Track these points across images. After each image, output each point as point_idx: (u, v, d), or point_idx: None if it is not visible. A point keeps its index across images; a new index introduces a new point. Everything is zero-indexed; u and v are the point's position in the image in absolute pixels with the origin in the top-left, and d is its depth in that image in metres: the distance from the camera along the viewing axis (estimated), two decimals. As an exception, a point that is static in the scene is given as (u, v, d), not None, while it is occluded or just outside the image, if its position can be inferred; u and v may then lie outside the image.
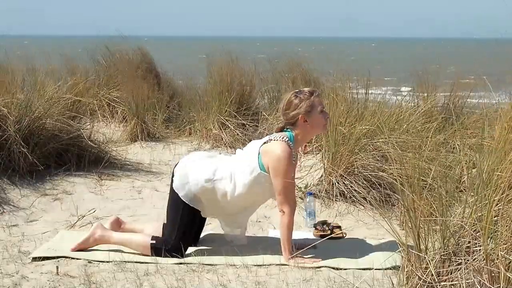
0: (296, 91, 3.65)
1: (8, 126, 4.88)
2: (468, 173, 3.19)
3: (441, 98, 6.64)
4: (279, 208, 3.56)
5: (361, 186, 4.57)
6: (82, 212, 4.52)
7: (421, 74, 6.90)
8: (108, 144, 5.90)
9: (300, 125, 3.58)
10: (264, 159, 3.53)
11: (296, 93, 3.62)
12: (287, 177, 3.49)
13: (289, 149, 3.52)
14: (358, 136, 4.69)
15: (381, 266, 3.23)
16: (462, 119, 5.82)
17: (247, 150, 3.69)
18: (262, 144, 3.59)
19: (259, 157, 3.55)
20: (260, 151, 3.56)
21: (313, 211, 4.28)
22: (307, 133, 3.65)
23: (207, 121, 6.72)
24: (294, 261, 3.48)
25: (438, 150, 4.55)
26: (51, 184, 4.97)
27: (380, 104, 5.76)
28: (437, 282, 2.73)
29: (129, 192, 5.02)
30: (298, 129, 3.59)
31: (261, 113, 6.86)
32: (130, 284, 3.19)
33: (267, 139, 3.60)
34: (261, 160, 3.53)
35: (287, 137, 3.57)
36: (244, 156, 3.65)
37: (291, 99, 3.60)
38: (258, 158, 3.55)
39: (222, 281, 3.23)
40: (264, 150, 3.55)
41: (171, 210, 3.69)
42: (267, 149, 3.54)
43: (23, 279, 3.26)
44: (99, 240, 3.71)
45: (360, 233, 4.20)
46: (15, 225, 4.26)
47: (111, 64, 8.20)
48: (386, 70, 17.90)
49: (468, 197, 2.95)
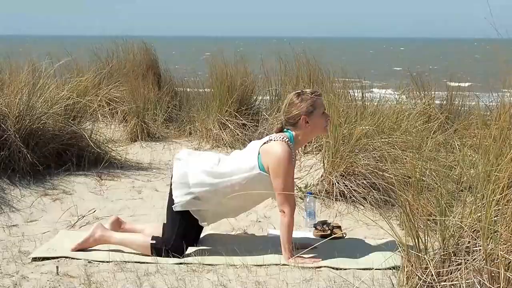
0: (298, 91, 3.64)
1: (8, 126, 4.88)
2: (468, 173, 3.20)
3: (440, 98, 6.65)
4: (279, 208, 3.56)
5: (361, 186, 4.57)
6: (82, 212, 4.52)
7: (421, 74, 6.91)
8: (108, 144, 5.90)
9: (301, 125, 3.58)
10: (264, 159, 3.53)
11: (298, 93, 3.61)
12: (287, 178, 3.50)
13: (289, 150, 3.52)
14: (358, 136, 4.69)
15: (381, 266, 3.23)
16: (461, 119, 5.82)
17: (247, 149, 3.69)
18: (262, 144, 3.59)
19: (259, 157, 3.55)
20: (260, 151, 3.56)
21: (313, 211, 4.28)
22: (308, 134, 3.64)
23: (207, 121, 6.71)
24: (294, 261, 3.48)
25: (438, 150, 4.55)
26: (51, 184, 4.97)
27: (380, 104, 5.77)
28: (437, 282, 2.73)
29: (129, 192, 5.02)
30: (299, 129, 3.59)
31: (262, 113, 6.86)
32: (130, 284, 3.20)
33: (267, 139, 3.60)
34: (261, 160, 3.54)
35: (287, 137, 3.57)
36: (243, 155, 3.66)
37: (293, 99, 3.60)
38: (258, 158, 3.55)
39: (222, 281, 3.24)
40: (264, 150, 3.55)
41: (171, 210, 3.68)
42: (267, 150, 3.54)
43: (23, 279, 3.27)
44: (99, 240, 3.71)
45: (360, 233, 4.20)
46: (15, 225, 4.26)
47: (112, 64, 8.20)
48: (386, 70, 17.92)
49: (468, 197, 2.95)
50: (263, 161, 3.53)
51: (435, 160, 4.05)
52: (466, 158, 3.94)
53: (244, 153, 3.68)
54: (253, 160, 3.55)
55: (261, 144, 3.59)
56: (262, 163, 3.53)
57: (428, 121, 5.54)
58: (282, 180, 3.49)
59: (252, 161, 3.55)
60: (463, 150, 4.22)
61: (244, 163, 3.57)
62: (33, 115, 5.08)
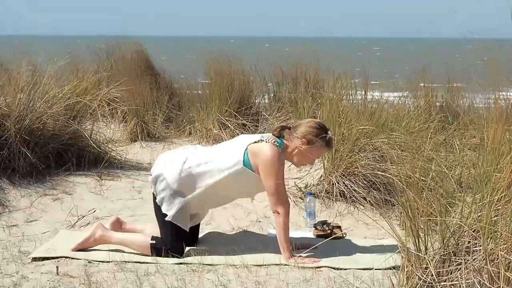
0: (325, 126, 3.65)
1: (8, 126, 4.88)
2: (468, 173, 3.20)
3: (440, 98, 6.65)
4: (273, 209, 3.57)
5: (361, 186, 4.58)
6: (82, 212, 4.52)
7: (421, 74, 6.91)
8: (108, 144, 5.90)
9: (296, 143, 3.60)
10: (253, 159, 3.54)
11: (322, 127, 3.62)
12: (278, 178, 3.52)
13: (278, 151, 3.55)
14: (357, 136, 4.69)
15: (381, 266, 3.23)
16: (461, 119, 5.82)
17: (234, 144, 3.70)
18: (251, 142, 3.59)
19: (246, 153, 3.55)
20: (248, 149, 3.56)
21: (313, 211, 4.29)
22: (294, 154, 3.65)
23: (207, 121, 6.71)
24: (294, 261, 3.48)
25: (437, 150, 4.55)
26: (51, 184, 4.97)
27: (379, 103, 5.77)
28: (437, 282, 2.73)
29: (129, 192, 5.02)
30: (291, 143, 3.62)
31: (261, 113, 6.86)
32: (130, 284, 3.19)
33: (259, 139, 3.60)
34: (248, 157, 3.54)
35: (277, 142, 3.59)
36: (229, 147, 3.68)
37: (314, 126, 3.61)
38: (244, 154, 3.55)
39: (222, 281, 3.24)
40: (254, 150, 3.55)
41: (158, 214, 3.70)
42: (257, 151, 3.54)
43: (23, 279, 3.26)
44: (100, 240, 3.71)
45: (360, 233, 4.20)
46: (15, 225, 4.26)
47: (112, 64, 8.19)
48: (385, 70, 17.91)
49: (468, 197, 2.95)
50: (251, 161, 3.54)
51: (435, 160, 4.05)
52: (466, 158, 3.95)
53: (230, 146, 3.69)
54: (239, 155, 3.55)
55: (251, 141, 3.60)
56: (249, 160, 3.54)
57: (428, 121, 5.54)
58: (274, 182, 3.51)
59: (237, 156, 3.56)
60: (463, 150, 4.23)
61: (228, 154, 3.59)
62: (33, 115, 5.07)
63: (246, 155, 3.55)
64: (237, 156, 3.56)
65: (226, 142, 3.88)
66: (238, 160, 3.55)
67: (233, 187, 3.65)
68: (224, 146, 3.77)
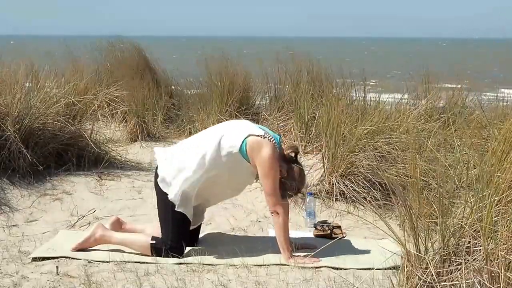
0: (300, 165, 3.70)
1: (8, 126, 4.88)
2: (468, 173, 3.19)
3: (441, 98, 6.64)
4: (272, 210, 3.55)
5: (361, 186, 4.57)
6: (82, 212, 4.52)
7: (421, 74, 6.90)
8: (108, 144, 5.90)
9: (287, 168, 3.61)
10: (251, 152, 3.51)
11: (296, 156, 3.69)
12: (277, 178, 3.52)
13: (277, 152, 3.55)
14: (358, 136, 4.69)
15: (381, 266, 3.23)
16: (462, 119, 5.81)
17: (236, 126, 3.66)
18: (253, 134, 3.55)
19: (244, 142, 3.52)
20: (248, 139, 3.53)
21: (313, 211, 4.29)
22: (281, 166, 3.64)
23: (207, 121, 6.71)
24: (294, 261, 3.48)
25: (438, 150, 4.54)
26: (51, 184, 4.97)
27: (380, 104, 5.77)
28: (437, 282, 2.73)
29: (129, 192, 5.02)
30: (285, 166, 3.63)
31: (262, 113, 6.86)
32: (130, 284, 3.19)
33: (262, 134, 3.56)
34: (246, 147, 3.51)
35: (277, 144, 3.58)
36: (227, 128, 3.65)
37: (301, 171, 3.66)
38: (242, 142, 3.52)
39: (222, 281, 3.24)
40: (253, 144, 3.51)
41: (160, 210, 3.70)
42: (257, 146, 3.51)
43: (23, 279, 3.26)
44: (100, 240, 3.71)
45: (360, 233, 4.20)
46: (15, 225, 4.26)
47: (111, 64, 8.19)
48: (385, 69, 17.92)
49: (468, 197, 2.95)
50: (248, 150, 3.51)
51: (435, 160, 4.04)
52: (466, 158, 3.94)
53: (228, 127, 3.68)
54: (236, 141, 3.52)
55: (253, 132, 3.56)
56: (245, 149, 3.52)
57: (428, 121, 5.53)
58: (273, 181, 3.50)
59: (235, 140, 3.53)
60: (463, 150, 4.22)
61: (225, 136, 3.56)
62: (33, 115, 5.07)
63: (244, 144, 3.52)
64: (235, 140, 3.53)
65: (227, 123, 3.80)
66: (234, 145, 3.52)
67: (224, 172, 3.59)
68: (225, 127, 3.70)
